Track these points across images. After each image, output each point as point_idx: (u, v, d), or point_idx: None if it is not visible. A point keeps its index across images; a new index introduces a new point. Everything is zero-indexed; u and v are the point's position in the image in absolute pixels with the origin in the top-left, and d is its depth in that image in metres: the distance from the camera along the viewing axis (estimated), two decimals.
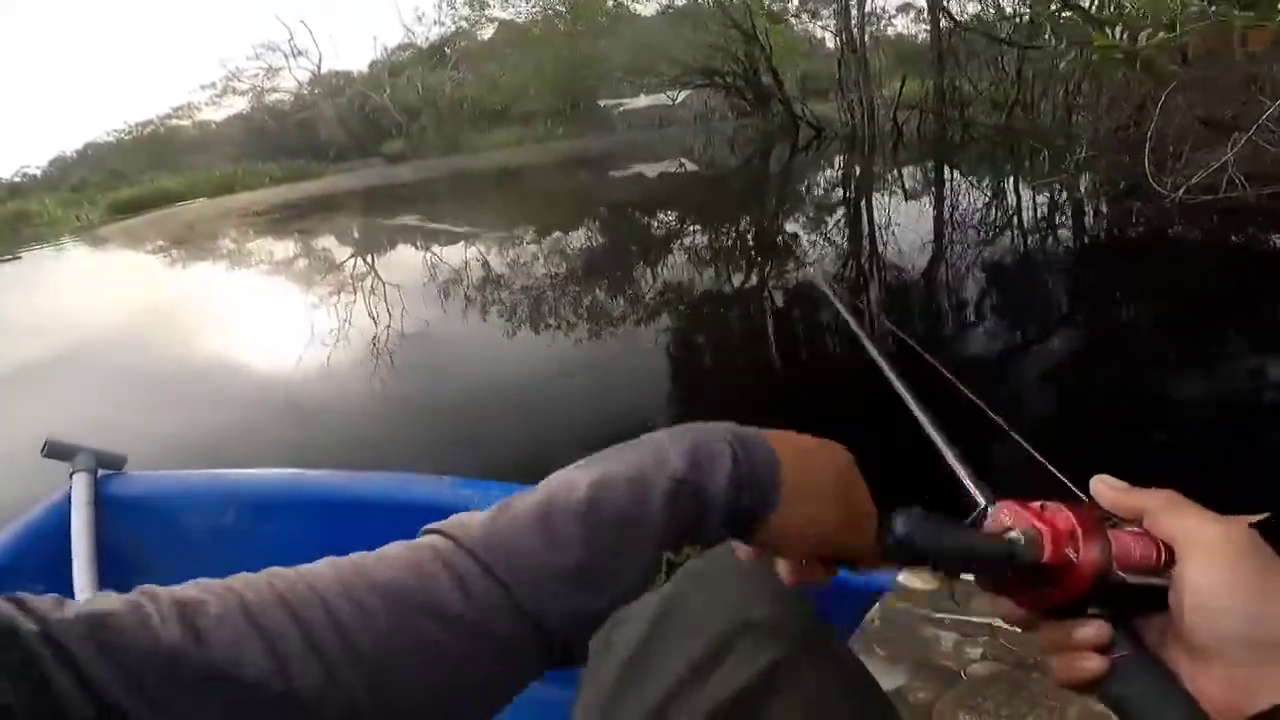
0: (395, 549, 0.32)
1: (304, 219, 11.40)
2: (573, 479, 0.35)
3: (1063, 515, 0.36)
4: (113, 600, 0.28)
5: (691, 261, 5.05)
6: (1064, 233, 4.73)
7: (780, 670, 0.49)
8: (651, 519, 0.34)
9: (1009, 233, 4.77)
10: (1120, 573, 0.34)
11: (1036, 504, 0.37)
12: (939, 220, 5.38)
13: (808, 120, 14.50)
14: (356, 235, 9.32)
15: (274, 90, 28.75)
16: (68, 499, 1.09)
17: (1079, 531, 0.34)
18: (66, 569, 1.04)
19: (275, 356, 4.03)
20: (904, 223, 5.31)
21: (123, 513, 1.13)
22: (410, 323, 4.28)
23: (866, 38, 13.86)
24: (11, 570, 1.07)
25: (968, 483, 0.43)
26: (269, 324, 5.12)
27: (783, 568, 0.43)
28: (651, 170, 11.41)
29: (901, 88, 12.11)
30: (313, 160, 23.80)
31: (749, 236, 5.85)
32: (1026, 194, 5.88)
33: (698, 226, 6.54)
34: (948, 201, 6.27)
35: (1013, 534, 0.35)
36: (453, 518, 0.34)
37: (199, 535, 1.16)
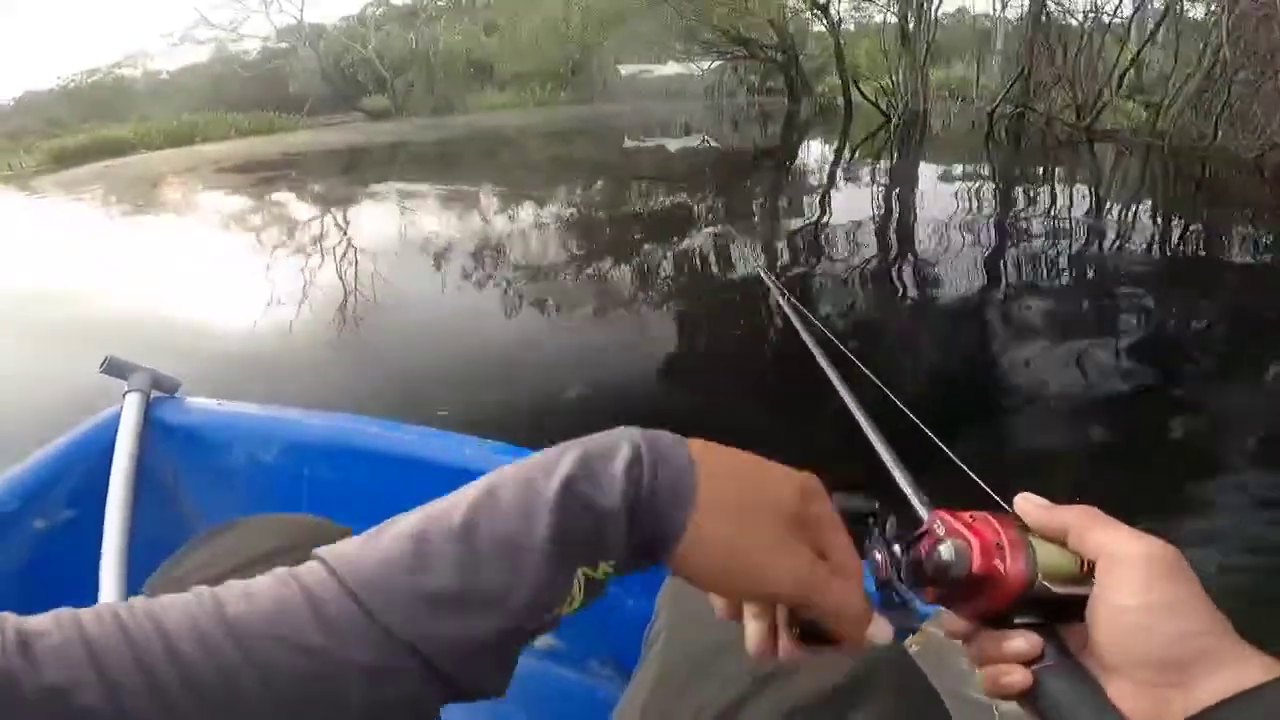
0: (264, 579, 0.35)
1: (291, 179, 11.45)
2: (461, 495, 0.36)
3: (991, 527, 0.41)
4: None
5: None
6: None
7: (855, 680, 0.54)
8: (535, 533, 0.34)
9: None
10: (1045, 583, 0.39)
11: (967, 515, 0.43)
12: None
13: (879, 106, 14.45)
14: (326, 196, 9.42)
15: (239, 38, 28.92)
16: (117, 418, 1.21)
17: (1006, 543, 0.40)
18: (105, 491, 1.15)
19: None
20: None
21: (169, 438, 1.25)
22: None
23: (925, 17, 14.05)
24: (51, 485, 1.18)
25: (908, 492, 0.51)
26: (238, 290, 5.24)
27: (748, 631, 0.42)
28: (673, 144, 11.51)
29: (1016, 78, 11.96)
30: (283, 113, 23.98)
31: None
32: None
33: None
34: None
35: (944, 545, 0.41)
36: (340, 541, 0.36)
37: (241, 469, 1.28)
